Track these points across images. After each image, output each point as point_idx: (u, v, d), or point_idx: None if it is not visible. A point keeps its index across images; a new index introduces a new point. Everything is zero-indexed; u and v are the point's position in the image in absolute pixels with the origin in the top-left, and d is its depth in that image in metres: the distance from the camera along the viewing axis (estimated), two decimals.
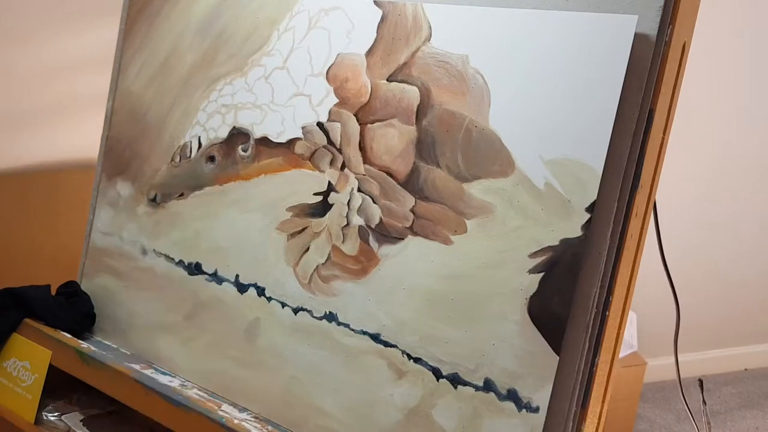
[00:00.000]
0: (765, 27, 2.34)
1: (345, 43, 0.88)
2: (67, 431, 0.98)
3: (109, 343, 1.06)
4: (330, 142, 0.88)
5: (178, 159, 1.03)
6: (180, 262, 1.00)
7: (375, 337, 0.82)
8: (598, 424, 0.75)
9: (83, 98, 1.42)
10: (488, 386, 0.74)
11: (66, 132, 1.44)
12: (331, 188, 0.87)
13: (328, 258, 0.86)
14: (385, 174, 0.83)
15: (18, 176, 1.38)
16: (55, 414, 1.00)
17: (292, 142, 0.91)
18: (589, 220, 0.70)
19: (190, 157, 1.01)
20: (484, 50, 0.78)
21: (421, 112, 0.81)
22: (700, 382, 1.01)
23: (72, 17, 1.40)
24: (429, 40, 0.82)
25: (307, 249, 0.88)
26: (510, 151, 0.75)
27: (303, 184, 0.90)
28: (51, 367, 0.99)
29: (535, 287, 0.72)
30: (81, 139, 1.41)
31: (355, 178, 0.85)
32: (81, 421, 1.00)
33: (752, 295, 2.54)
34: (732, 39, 2.28)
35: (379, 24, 0.85)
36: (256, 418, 0.89)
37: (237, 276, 0.94)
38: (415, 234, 0.80)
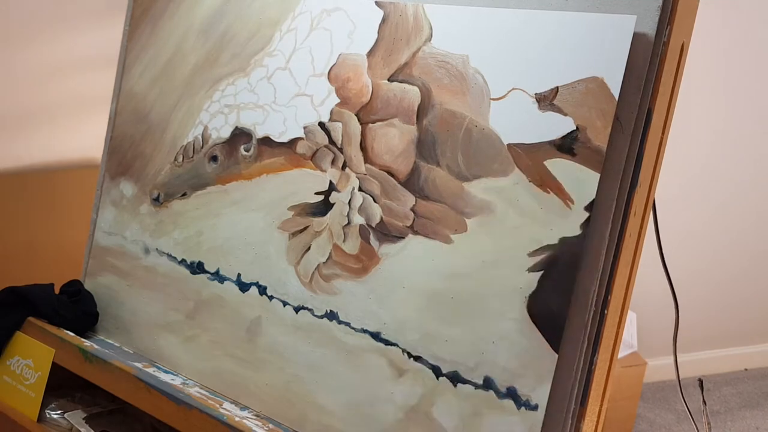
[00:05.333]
0: (763, 27, 2.34)
1: (346, 44, 0.88)
2: (69, 429, 0.99)
3: (112, 342, 1.06)
4: (331, 141, 0.88)
5: (180, 159, 1.03)
6: (182, 261, 1.01)
7: (375, 336, 0.83)
8: (597, 421, 0.75)
9: (85, 98, 1.43)
10: (488, 384, 0.75)
11: (68, 132, 1.44)
12: (332, 187, 0.88)
13: (329, 257, 0.87)
14: (385, 173, 0.84)
15: (22, 176, 1.39)
16: (58, 412, 1.01)
17: (293, 142, 0.92)
18: (587, 219, 0.70)
19: (192, 157, 1.02)
20: (484, 50, 0.78)
21: (421, 111, 0.82)
22: (700, 382, 1.01)
23: (75, 18, 1.40)
24: (430, 40, 0.82)
25: (309, 248, 0.89)
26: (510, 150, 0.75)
27: (304, 184, 0.90)
28: (54, 366, 0.99)
29: (534, 286, 0.73)
30: (82, 139, 1.41)
31: (356, 177, 0.86)
32: (83, 418, 1.00)
33: (752, 295, 2.53)
34: (730, 39, 2.29)
35: (380, 24, 0.86)
36: (257, 416, 0.89)
37: (239, 275, 0.95)
38: (416, 233, 0.81)
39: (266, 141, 0.94)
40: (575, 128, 0.71)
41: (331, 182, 0.88)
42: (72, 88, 1.43)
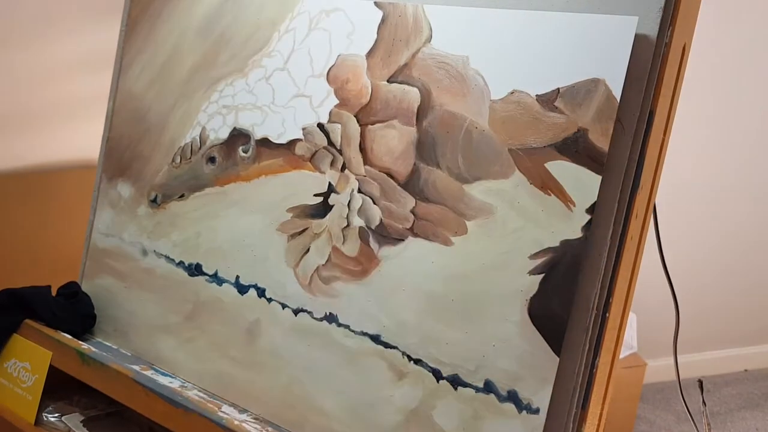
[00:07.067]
0: (764, 28, 2.34)
1: (346, 45, 0.88)
2: None
3: (110, 344, 1.06)
4: (330, 143, 0.88)
5: (178, 160, 1.03)
6: (180, 263, 1.00)
7: (375, 339, 0.82)
8: (599, 425, 0.75)
9: (84, 99, 1.42)
10: (489, 387, 0.74)
11: (66, 132, 1.44)
12: (331, 189, 0.87)
13: (329, 259, 0.87)
14: (385, 175, 0.83)
15: (18, 176, 1.38)
16: (56, 415, 1.00)
17: (292, 143, 0.91)
18: (589, 222, 0.70)
19: (190, 158, 1.01)
20: (485, 51, 0.78)
21: (421, 113, 0.81)
22: (700, 383, 1.01)
23: (73, 18, 1.40)
24: (429, 41, 0.82)
25: (308, 250, 0.88)
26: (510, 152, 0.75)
27: (303, 185, 0.90)
28: (51, 368, 0.99)
29: (535, 288, 0.72)
30: (81, 139, 1.41)
31: (356, 179, 0.85)
32: (81, 421, 1.00)
33: (752, 296, 2.53)
34: (731, 40, 2.29)
35: (379, 25, 0.86)
36: (256, 419, 0.89)
37: (237, 277, 0.94)
38: (416, 235, 0.80)
39: (265, 142, 0.94)
40: (576, 130, 0.71)
41: (330, 184, 0.88)
42: (71, 89, 1.43)
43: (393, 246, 0.82)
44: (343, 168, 0.87)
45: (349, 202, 0.85)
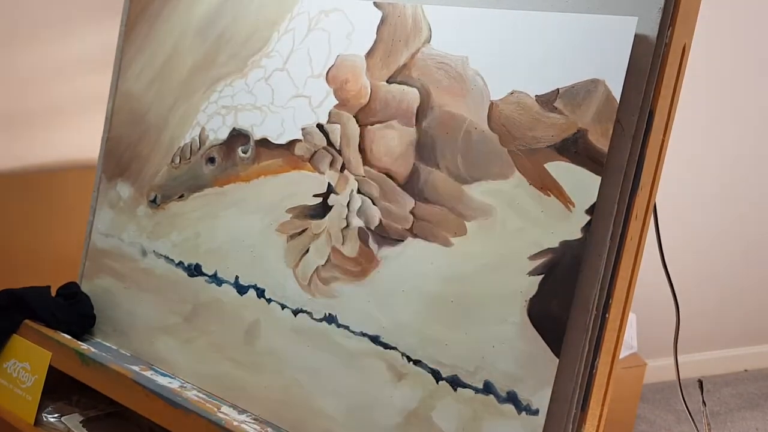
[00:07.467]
0: (764, 28, 2.34)
1: (345, 45, 0.88)
2: None
3: (109, 345, 1.06)
4: (330, 143, 0.88)
5: (178, 160, 1.03)
6: (180, 264, 1.00)
7: (375, 339, 0.82)
8: (598, 426, 0.75)
9: (83, 99, 1.42)
10: (488, 388, 0.74)
11: (66, 132, 1.44)
12: (330, 190, 0.87)
13: (328, 260, 0.86)
14: (384, 176, 0.83)
15: (18, 176, 1.38)
16: (55, 415, 1.00)
17: (291, 144, 0.91)
18: (589, 222, 0.70)
19: (189, 158, 1.01)
20: (484, 52, 0.78)
21: (420, 113, 0.81)
22: (700, 383, 1.01)
23: (73, 18, 1.40)
24: (429, 41, 0.82)
25: (307, 250, 0.88)
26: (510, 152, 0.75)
27: (303, 186, 0.90)
28: (51, 369, 0.99)
29: (534, 289, 0.72)
30: (81, 139, 1.41)
31: (355, 179, 0.85)
32: (81, 422, 1.00)
33: (752, 296, 2.53)
34: (732, 40, 2.28)
35: (379, 26, 0.85)
36: (255, 419, 0.89)
37: (237, 277, 0.94)
38: (415, 236, 0.80)
39: (264, 143, 0.94)
40: (576, 131, 0.71)
41: (329, 184, 0.87)
42: (71, 89, 1.42)
43: (392, 247, 0.82)
44: (343, 168, 0.86)
45: (349, 202, 0.85)
